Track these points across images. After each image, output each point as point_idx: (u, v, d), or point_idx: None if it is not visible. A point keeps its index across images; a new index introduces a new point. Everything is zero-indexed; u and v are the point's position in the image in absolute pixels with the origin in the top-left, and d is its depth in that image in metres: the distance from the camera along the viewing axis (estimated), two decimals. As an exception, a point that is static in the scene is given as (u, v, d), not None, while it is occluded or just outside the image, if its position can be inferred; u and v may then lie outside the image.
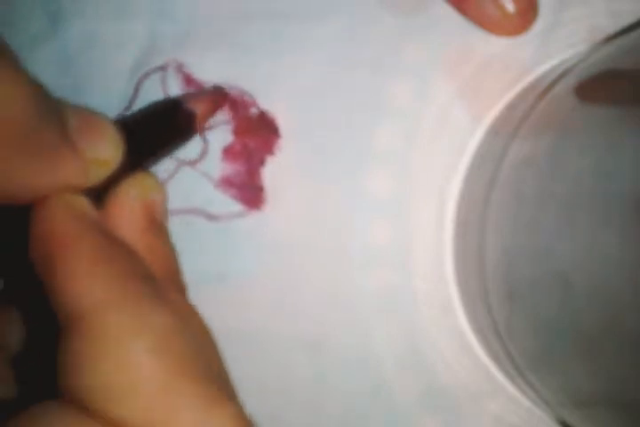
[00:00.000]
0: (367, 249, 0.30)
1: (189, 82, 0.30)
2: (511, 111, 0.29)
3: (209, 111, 0.28)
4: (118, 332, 0.18)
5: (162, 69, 0.30)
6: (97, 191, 0.20)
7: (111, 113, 0.29)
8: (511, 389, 0.30)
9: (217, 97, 0.29)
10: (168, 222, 0.22)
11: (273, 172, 0.30)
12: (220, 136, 0.30)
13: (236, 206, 0.30)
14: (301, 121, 0.30)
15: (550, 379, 0.26)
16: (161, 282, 0.20)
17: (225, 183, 0.30)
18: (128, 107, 0.30)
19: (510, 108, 0.30)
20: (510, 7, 0.28)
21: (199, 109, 0.27)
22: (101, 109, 0.22)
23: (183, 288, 0.21)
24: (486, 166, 0.29)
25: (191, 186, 0.30)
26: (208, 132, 0.30)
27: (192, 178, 0.30)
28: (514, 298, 0.26)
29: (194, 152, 0.29)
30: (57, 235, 0.19)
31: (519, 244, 0.26)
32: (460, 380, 0.30)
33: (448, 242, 0.30)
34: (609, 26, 0.30)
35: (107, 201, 0.21)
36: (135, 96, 0.30)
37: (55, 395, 0.18)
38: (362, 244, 0.30)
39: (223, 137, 0.30)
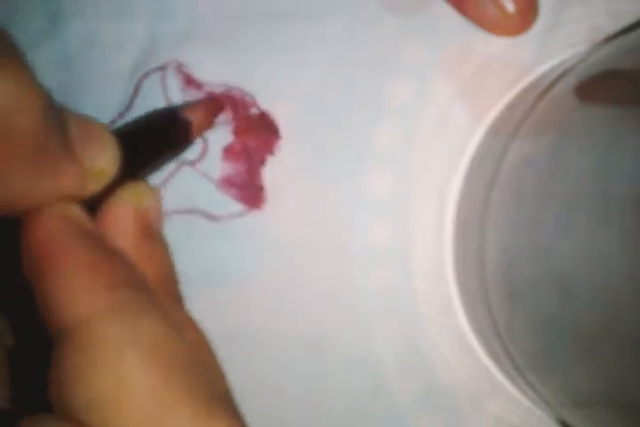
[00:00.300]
0: (367, 249, 0.30)
1: (189, 82, 0.30)
2: (511, 111, 0.29)
3: (205, 121, 0.28)
4: (110, 343, 0.18)
5: (162, 69, 0.30)
6: (92, 200, 0.20)
7: (111, 113, 0.29)
8: (511, 389, 0.30)
9: (213, 107, 0.29)
10: (163, 230, 0.22)
11: (273, 172, 0.30)
12: (221, 136, 0.30)
13: (237, 206, 0.30)
14: (301, 121, 0.30)
15: (550, 379, 0.26)
16: (155, 291, 0.20)
17: (225, 183, 0.30)
18: (128, 107, 0.30)
19: (510, 108, 0.30)
20: (510, 7, 0.28)
21: (196, 119, 0.27)
22: (101, 109, 0.22)
23: (179, 296, 0.21)
24: (486, 166, 0.29)
25: (191, 186, 0.30)
26: (208, 132, 0.29)
27: (192, 178, 0.30)
28: (514, 298, 0.26)
29: (194, 152, 0.29)
30: (48, 244, 0.19)
31: (519, 244, 0.26)
32: (460, 380, 0.30)
33: (448, 242, 0.30)
34: (609, 26, 0.30)
35: (101, 210, 0.21)
36: (135, 96, 0.30)
37: (46, 406, 0.18)
38: (362, 244, 0.30)
39: (223, 137, 0.30)
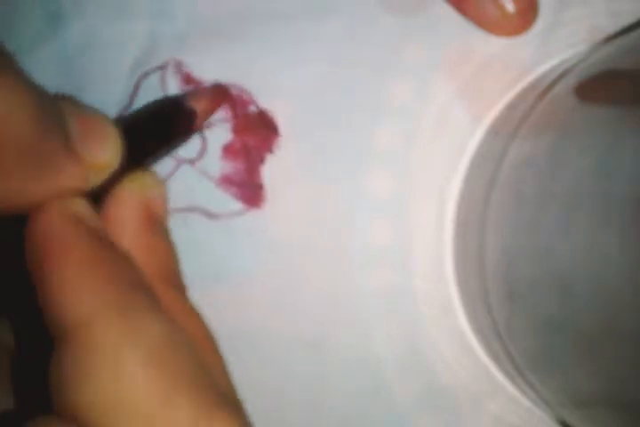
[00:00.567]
0: (367, 249, 0.30)
1: (189, 81, 0.30)
2: (511, 111, 0.29)
3: (209, 109, 0.28)
4: (112, 344, 0.17)
5: (161, 69, 0.30)
6: (96, 190, 0.20)
7: (111, 113, 0.29)
8: (511, 389, 0.30)
9: (217, 94, 0.29)
10: (169, 220, 0.22)
11: (272, 170, 0.30)
12: (220, 134, 0.30)
13: (236, 205, 0.30)
14: (301, 121, 0.30)
15: (550, 379, 0.26)
16: (158, 284, 0.20)
17: (225, 181, 0.30)
18: (128, 106, 0.30)
19: (510, 108, 0.30)
20: (510, 7, 0.28)
21: (199, 107, 0.27)
22: (101, 109, 0.22)
23: (183, 287, 0.21)
24: (486, 166, 0.29)
25: (191, 184, 0.29)
26: (207, 130, 0.30)
27: (192, 176, 0.30)
28: (514, 298, 0.26)
29: (193, 150, 0.29)
30: (49, 243, 0.18)
31: (519, 244, 0.26)
32: (460, 380, 0.30)
33: (448, 242, 0.30)
34: (609, 26, 0.30)
35: (106, 201, 0.21)
36: (135, 95, 0.30)
37: (48, 407, 0.18)
38: (362, 244, 0.30)
39: (223, 135, 0.30)
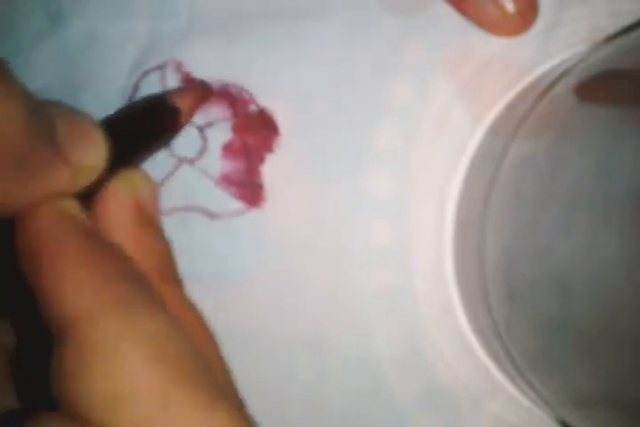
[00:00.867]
0: (367, 249, 0.30)
1: (188, 81, 0.30)
2: (511, 111, 0.29)
3: (193, 106, 0.28)
4: (111, 341, 0.17)
5: (161, 68, 0.30)
6: (85, 193, 0.20)
7: (110, 112, 0.29)
8: (511, 389, 0.30)
9: (201, 91, 0.29)
10: (160, 215, 0.22)
11: (272, 170, 0.30)
12: (220, 133, 0.30)
13: (236, 204, 0.30)
14: (301, 120, 0.30)
15: (550, 379, 0.26)
16: (155, 279, 0.20)
17: (225, 181, 0.30)
18: (127, 106, 0.30)
19: (510, 108, 0.30)
20: (510, 7, 0.28)
21: (183, 105, 0.27)
22: (100, 109, 0.22)
23: (179, 282, 0.21)
24: (486, 166, 0.29)
25: (191, 184, 0.29)
26: (207, 129, 0.30)
27: (192, 176, 0.30)
28: (514, 298, 0.26)
29: (193, 150, 0.29)
30: (42, 242, 0.18)
31: (519, 244, 0.26)
32: (460, 380, 0.30)
33: (448, 242, 0.30)
34: (609, 26, 0.30)
35: (95, 200, 0.21)
36: (134, 95, 0.30)
37: (49, 406, 0.18)
38: (362, 244, 0.30)
39: (223, 135, 0.30)
